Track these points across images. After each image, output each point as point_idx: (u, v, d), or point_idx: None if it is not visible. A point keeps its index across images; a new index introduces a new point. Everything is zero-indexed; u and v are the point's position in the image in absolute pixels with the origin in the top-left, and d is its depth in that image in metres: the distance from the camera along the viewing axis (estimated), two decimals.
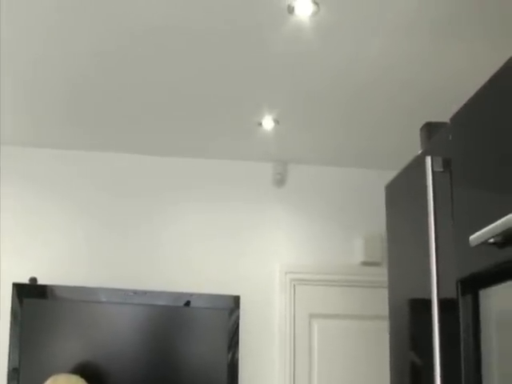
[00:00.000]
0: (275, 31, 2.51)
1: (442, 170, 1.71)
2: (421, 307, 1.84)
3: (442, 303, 1.61)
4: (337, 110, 3.30)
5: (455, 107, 1.68)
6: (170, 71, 2.93)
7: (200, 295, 3.67)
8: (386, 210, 2.25)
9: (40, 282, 3.58)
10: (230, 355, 3.64)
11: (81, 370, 3.43)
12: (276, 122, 3.41)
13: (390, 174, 2.23)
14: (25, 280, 3.56)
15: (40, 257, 3.67)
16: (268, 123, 3.43)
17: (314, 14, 2.39)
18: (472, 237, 1.47)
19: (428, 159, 1.71)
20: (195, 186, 3.93)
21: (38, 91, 3.10)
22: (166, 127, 3.55)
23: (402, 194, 2.12)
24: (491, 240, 1.40)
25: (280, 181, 3.96)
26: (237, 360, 3.64)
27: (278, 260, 3.86)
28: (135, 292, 3.64)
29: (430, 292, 1.63)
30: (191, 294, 3.66)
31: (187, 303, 3.68)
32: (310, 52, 2.70)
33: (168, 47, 2.71)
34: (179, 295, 3.65)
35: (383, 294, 2.24)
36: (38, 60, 2.81)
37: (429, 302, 1.63)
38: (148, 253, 3.80)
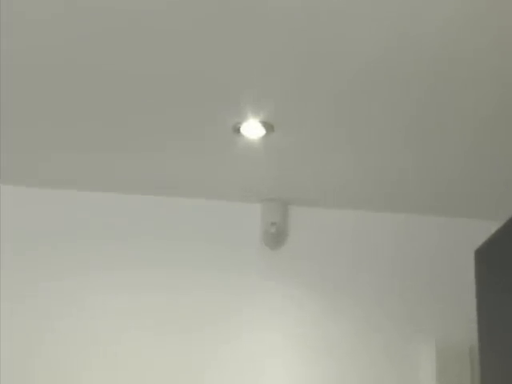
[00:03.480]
0: None
1: None
2: None
3: None
4: (379, 108, 2.96)
5: None
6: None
7: None
8: (477, 293, 2.13)
9: None
10: None
11: None
12: (268, 127, 3.12)
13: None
14: None
15: None
16: (253, 130, 3.16)
17: None
18: None
19: None
20: (126, 245, 3.46)
21: None
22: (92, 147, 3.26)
23: (506, 263, 2.07)
24: None
25: (275, 237, 3.66)
26: None
27: None
28: None
29: None
30: None
31: None
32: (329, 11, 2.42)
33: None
34: None
35: None
36: None
37: None
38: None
